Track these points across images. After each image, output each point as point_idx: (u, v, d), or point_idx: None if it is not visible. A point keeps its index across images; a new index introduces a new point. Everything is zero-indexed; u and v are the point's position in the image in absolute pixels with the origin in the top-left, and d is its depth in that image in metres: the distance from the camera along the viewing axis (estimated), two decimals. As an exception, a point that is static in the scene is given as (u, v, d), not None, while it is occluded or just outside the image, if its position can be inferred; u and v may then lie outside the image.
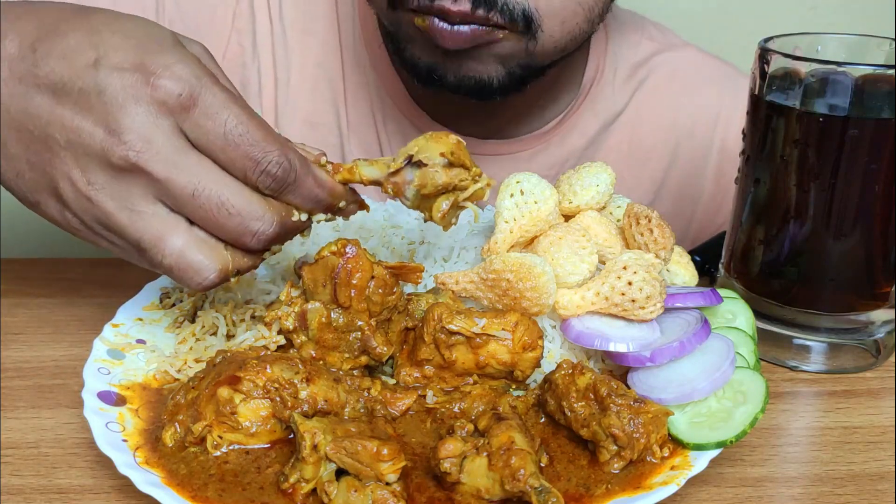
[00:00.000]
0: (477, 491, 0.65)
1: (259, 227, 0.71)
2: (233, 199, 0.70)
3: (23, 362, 0.90)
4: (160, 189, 0.69)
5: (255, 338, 0.81)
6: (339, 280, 0.77)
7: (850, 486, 0.74)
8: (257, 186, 0.71)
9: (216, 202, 0.69)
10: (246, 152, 0.69)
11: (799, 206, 0.87)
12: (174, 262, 0.70)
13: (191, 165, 0.69)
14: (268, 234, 0.71)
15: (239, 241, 0.71)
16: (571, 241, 0.80)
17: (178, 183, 0.68)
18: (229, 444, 0.70)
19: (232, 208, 0.70)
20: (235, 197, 0.70)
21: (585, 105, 1.25)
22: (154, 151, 0.67)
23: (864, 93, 0.81)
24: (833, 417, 0.84)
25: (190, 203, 0.69)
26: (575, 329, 0.78)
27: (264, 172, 0.70)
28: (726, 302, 0.85)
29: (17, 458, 0.75)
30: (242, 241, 0.71)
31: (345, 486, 0.64)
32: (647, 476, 0.69)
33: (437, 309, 0.76)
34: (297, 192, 0.73)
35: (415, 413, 0.76)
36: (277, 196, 0.72)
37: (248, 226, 0.70)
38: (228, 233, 0.71)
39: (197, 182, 0.68)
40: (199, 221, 0.70)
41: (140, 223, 0.69)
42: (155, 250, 0.70)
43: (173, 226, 0.70)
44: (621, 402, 0.70)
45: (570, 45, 1.05)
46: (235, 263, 0.73)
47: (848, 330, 0.90)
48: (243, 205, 0.70)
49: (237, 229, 0.70)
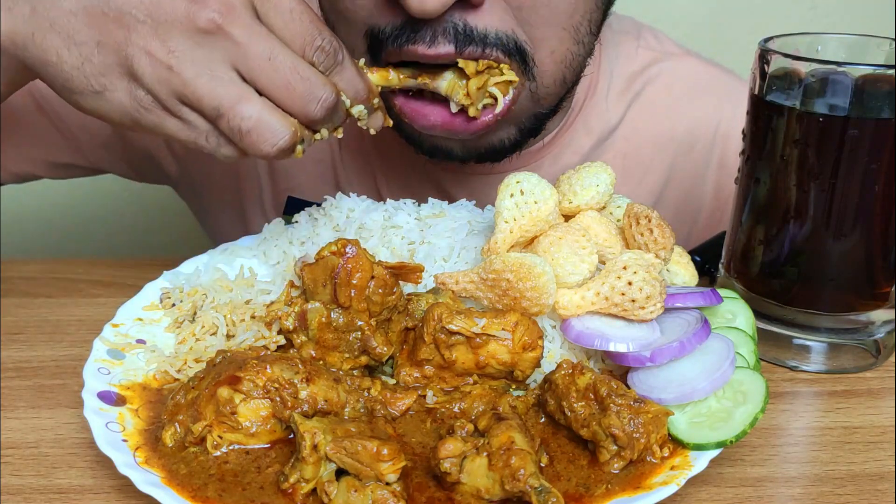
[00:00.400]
0: (477, 491, 0.65)
1: (323, 94, 0.77)
2: (301, 65, 0.76)
3: (23, 362, 0.90)
4: (239, 54, 0.74)
5: (255, 338, 0.81)
6: (339, 280, 0.77)
7: (850, 486, 0.74)
8: (313, 62, 0.77)
9: (290, 66, 0.75)
10: (305, 29, 0.76)
11: (799, 206, 0.87)
12: (253, 124, 0.74)
13: (265, 34, 0.75)
14: (330, 102, 0.77)
15: (305, 108, 0.76)
16: (571, 241, 0.80)
17: (257, 48, 0.74)
18: (229, 444, 0.70)
19: (303, 72, 0.76)
20: (303, 65, 0.76)
21: (578, 121, 1.21)
22: (236, 15, 0.74)
23: (864, 93, 0.81)
24: (833, 417, 0.84)
25: (266, 68, 0.74)
26: (575, 329, 0.78)
27: (320, 48, 0.77)
28: (726, 302, 0.85)
29: (17, 458, 0.75)
30: (308, 107, 0.76)
31: (345, 486, 0.64)
32: (647, 476, 0.69)
33: (437, 309, 0.76)
34: (342, 74, 0.79)
35: (415, 413, 0.76)
36: (328, 74, 0.78)
37: (314, 91, 0.76)
38: (298, 98, 0.76)
39: (272, 48, 0.74)
40: (271, 87, 0.75)
41: (220, 88, 0.74)
42: (234, 112, 0.74)
43: (250, 91, 0.75)
44: (621, 402, 0.70)
45: (569, 74, 1.01)
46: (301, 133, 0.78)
47: (848, 330, 0.90)
48: (310, 72, 0.76)
49: (305, 95, 0.76)
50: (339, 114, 0.81)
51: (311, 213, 0.98)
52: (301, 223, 0.97)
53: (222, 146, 0.78)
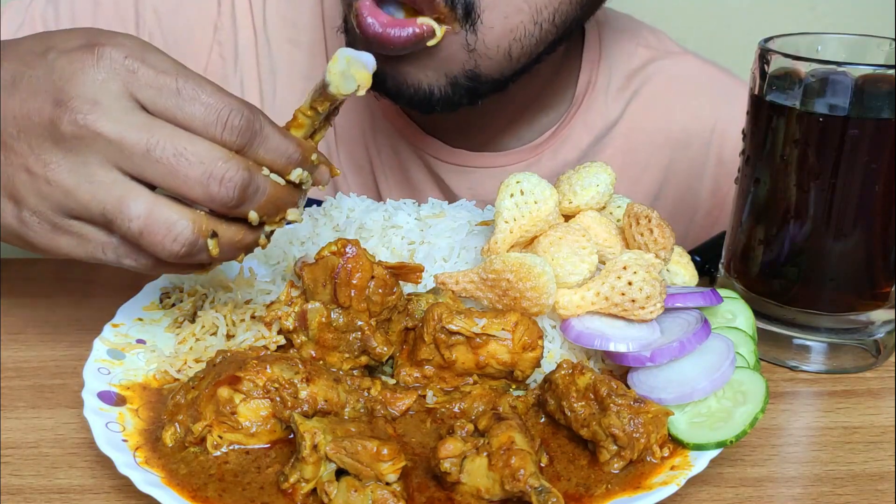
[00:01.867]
0: (477, 491, 0.65)
1: (225, 171, 0.66)
2: (190, 147, 0.66)
3: (23, 362, 0.90)
4: (114, 152, 0.65)
5: (255, 338, 0.81)
6: (339, 280, 0.77)
7: (850, 486, 0.74)
8: (224, 145, 0.67)
9: (172, 152, 0.65)
10: (205, 105, 0.66)
11: (799, 206, 0.87)
12: (143, 224, 0.66)
13: (143, 122, 0.66)
14: (238, 179, 0.67)
15: (208, 192, 0.66)
16: (571, 241, 0.80)
17: (131, 140, 0.65)
18: (229, 444, 0.70)
19: (192, 156, 0.66)
20: (194, 145, 0.66)
21: (578, 116, 1.22)
22: (101, 112, 0.65)
23: (864, 93, 0.81)
24: (833, 417, 0.84)
25: (146, 160, 0.65)
26: (575, 329, 0.78)
27: (227, 124, 0.67)
28: (726, 302, 0.85)
29: (17, 458, 0.75)
30: (210, 191, 0.66)
31: (345, 486, 0.64)
32: (647, 476, 0.69)
33: (437, 309, 0.76)
34: (265, 145, 0.69)
35: (415, 413, 0.76)
36: (245, 153, 0.68)
37: (213, 171, 0.66)
38: (194, 184, 0.66)
39: (150, 136, 0.65)
40: (159, 180, 0.66)
41: (101, 192, 0.66)
42: (121, 215, 0.66)
43: (135, 189, 0.66)
44: (621, 402, 0.70)
45: (515, 49, 0.99)
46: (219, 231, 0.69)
47: (848, 330, 0.90)
48: (203, 151, 0.66)
49: (202, 178, 0.66)
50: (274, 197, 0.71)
51: (311, 212, 0.98)
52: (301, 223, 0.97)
53: (123, 257, 0.70)
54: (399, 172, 1.24)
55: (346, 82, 0.70)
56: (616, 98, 1.23)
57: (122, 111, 0.66)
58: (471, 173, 1.21)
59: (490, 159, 1.21)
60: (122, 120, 0.65)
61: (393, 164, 1.23)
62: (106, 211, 0.67)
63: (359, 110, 1.22)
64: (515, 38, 0.98)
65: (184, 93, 0.67)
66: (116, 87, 0.66)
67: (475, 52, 0.97)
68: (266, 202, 0.70)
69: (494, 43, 0.97)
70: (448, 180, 1.22)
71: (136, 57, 0.67)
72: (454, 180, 1.21)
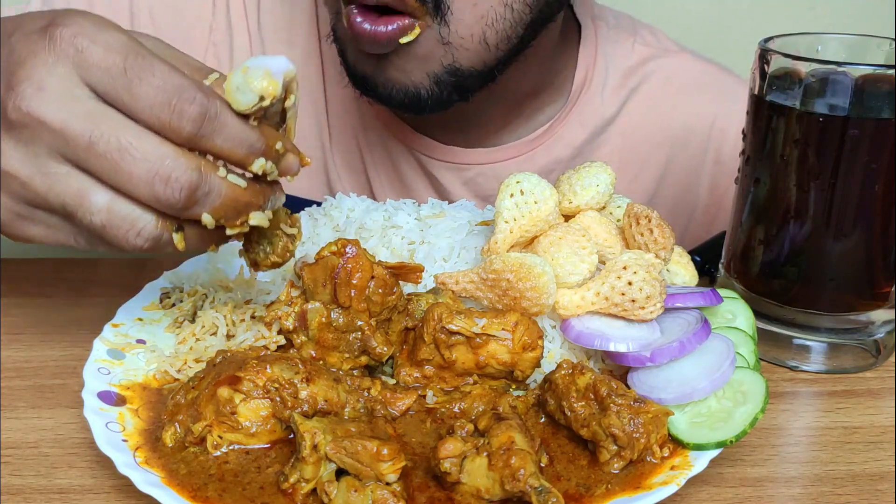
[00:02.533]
0: (477, 491, 0.65)
1: (172, 170, 0.62)
2: (136, 141, 0.61)
3: (23, 362, 0.90)
4: (59, 141, 0.62)
5: (255, 338, 0.81)
6: (339, 280, 0.77)
7: (850, 486, 0.74)
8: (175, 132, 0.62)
9: (116, 146, 0.61)
10: (154, 87, 0.61)
11: (799, 206, 0.87)
12: (105, 218, 0.63)
13: (88, 112, 0.62)
14: (186, 180, 0.62)
15: (153, 193, 0.62)
16: (571, 241, 0.80)
17: (74, 130, 0.61)
18: (229, 444, 0.70)
19: (136, 151, 0.61)
20: (139, 140, 0.62)
21: (573, 114, 1.22)
22: (46, 98, 0.61)
23: (864, 93, 0.81)
24: (833, 417, 0.84)
25: (90, 153, 0.62)
26: (575, 329, 0.78)
27: (177, 108, 0.61)
28: (726, 302, 0.85)
29: (17, 458, 0.75)
30: (156, 191, 0.62)
31: (345, 486, 0.64)
32: (647, 476, 0.69)
33: (437, 309, 0.76)
34: (222, 133, 0.64)
35: (415, 413, 0.76)
36: (199, 142, 0.63)
37: (159, 169, 0.61)
38: (138, 182, 0.62)
39: (94, 128, 0.61)
40: (104, 175, 0.62)
41: (58, 185, 0.63)
42: (81, 209, 0.63)
43: (94, 182, 0.63)
44: (621, 402, 0.70)
45: (490, 34, 0.99)
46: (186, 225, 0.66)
47: (848, 330, 0.90)
48: (150, 147, 0.62)
49: (146, 176, 0.61)
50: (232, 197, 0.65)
51: (311, 213, 0.98)
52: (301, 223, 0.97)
53: (97, 245, 0.68)
54: (392, 171, 1.24)
55: (242, 96, 0.64)
56: (613, 95, 1.24)
57: (68, 98, 0.62)
58: (463, 170, 1.22)
59: (482, 156, 1.21)
60: (66, 108, 0.62)
61: (386, 163, 1.23)
62: (66, 204, 0.64)
63: (350, 111, 1.22)
64: (487, 23, 0.98)
65: (131, 73, 0.62)
66: (65, 69, 0.62)
67: (451, 45, 0.98)
68: (222, 205, 0.65)
69: (468, 32, 0.97)
70: (440, 177, 1.22)
71: (86, 35, 0.62)
72: (446, 177, 1.22)
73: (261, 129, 0.66)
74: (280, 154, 0.68)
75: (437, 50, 0.98)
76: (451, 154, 1.21)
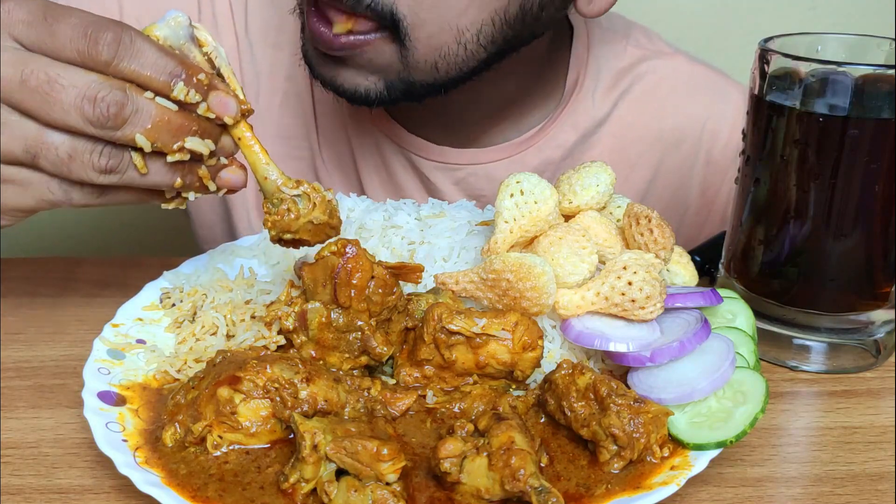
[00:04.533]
0: (477, 491, 0.65)
1: (98, 90, 0.67)
2: (63, 73, 0.67)
3: (23, 362, 0.90)
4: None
5: (255, 338, 0.81)
6: (339, 280, 0.77)
7: (850, 486, 0.74)
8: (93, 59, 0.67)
9: (45, 79, 0.66)
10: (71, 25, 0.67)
11: (799, 206, 0.87)
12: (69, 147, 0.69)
13: (18, 58, 0.67)
14: (110, 99, 0.67)
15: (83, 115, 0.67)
16: (571, 241, 0.80)
17: (7, 74, 0.67)
18: (229, 444, 0.70)
19: (64, 80, 0.67)
20: (67, 72, 0.67)
21: (565, 115, 1.22)
22: None
23: (864, 93, 0.81)
24: (833, 417, 0.84)
25: (22, 91, 0.67)
26: (575, 329, 0.78)
27: (92, 37, 0.67)
28: (726, 302, 0.85)
29: (17, 458, 0.75)
30: (85, 112, 0.67)
31: (345, 486, 0.64)
32: (647, 476, 0.69)
33: (437, 309, 0.76)
34: (139, 59, 0.68)
35: (415, 413, 0.76)
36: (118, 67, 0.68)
37: (86, 92, 0.66)
38: (69, 108, 0.67)
39: (24, 67, 0.67)
40: (36, 110, 0.67)
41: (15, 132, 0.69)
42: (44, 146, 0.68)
43: None
44: (621, 402, 0.70)
45: (441, 65, 1.02)
46: None
47: (848, 330, 0.90)
48: (77, 76, 0.67)
49: (76, 101, 0.66)
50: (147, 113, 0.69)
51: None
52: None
53: (70, 191, 0.72)
54: (383, 171, 1.24)
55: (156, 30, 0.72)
56: (604, 97, 1.24)
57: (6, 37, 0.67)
58: (454, 170, 1.22)
59: (473, 156, 1.22)
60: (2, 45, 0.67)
61: (377, 163, 1.24)
62: (27, 146, 0.68)
63: (342, 110, 1.23)
64: (441, 55, 1.01)
65: (50, 18, 0.67)
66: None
67: (408, 63, 1.01)
68: (154, 127, 0.69)
69: (422, 58, 1.00)
70: (432, 177, 1.23)
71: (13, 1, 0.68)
72: (438, 177, 1.22)
73: (179, 58, 0.70)
74: (205, 85, 0.71)
75: (395, 65, 1.01)
76: (442, 154, 1.21)
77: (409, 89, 1.04)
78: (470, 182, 1.22)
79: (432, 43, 0.99)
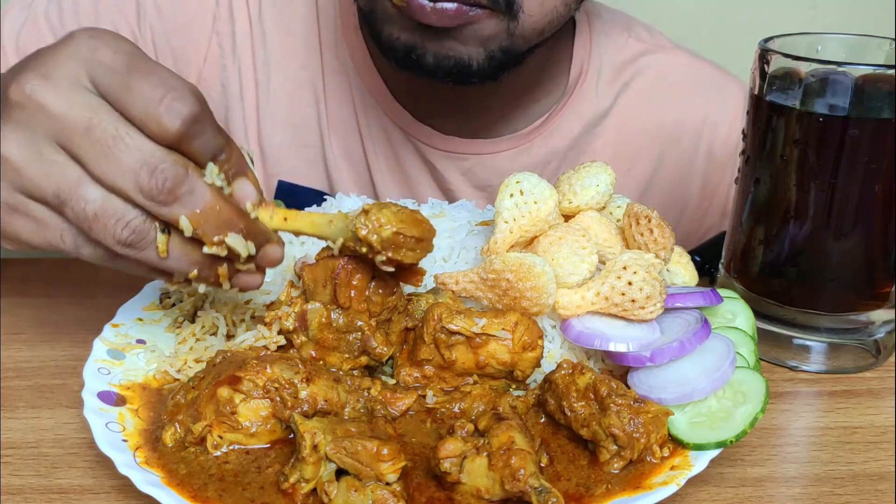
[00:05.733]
0: (477, 491, 0.65)
1: (160, 161, 0.65)
2: (132, 133, 0.65)
3: (23, 362, 0.90)
4: (58, 127, 0.65)
5: (255, 338, 0.81)
6: (340, 280, 0.77)
7: (850, 486, 0.74)
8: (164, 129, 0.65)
9: (112, 134, 0.64)
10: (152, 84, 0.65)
11: (799, 206, 0.87)
12: (98, 207, 0.65)
13: (89, 103, 0.65)
14: (170, 173, 0.65)
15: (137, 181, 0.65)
16: (571, 241, 0.80)
17: (73, 117, 0.65)
18: (229, 444, 0.70)
19: (130, 141, 0.65)
20: (134, 133, 0.65)
21: (569, 106, 1.24)
22: (49, 86, 0.65)
23: (864, 93, 0.81)
24: (833, 417, 0.84)
25: (85, 138, 0.65)
26: (575, 329, 0.78)
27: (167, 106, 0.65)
28: (726, 302, 0.85)
29: (17, 458, 0.75)
30: (140, 180, 0.65)
31: (345, 486, 0.64)
32: (647, 476, 0.69)
33: (437, 309, 0.76)
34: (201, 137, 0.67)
35: (415, 413, 0.76)
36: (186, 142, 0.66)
37: (148, 160, 0.64)
38: (125, 169, 0.65)
39: (93, 115, 0.65)
40: (92, 160, 0.65)
41: (56, 173, 0.66)
42: (75, 197, 0.66)
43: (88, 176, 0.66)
44: (621, 402, 0.70)
45: (548, 29, 1.05)
46: None
47: (848, 330, 0.90)
48: (143, 142, 0.65)
49: (134, 165, 0.64)
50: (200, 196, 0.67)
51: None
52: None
53: (82, 246, 0.69)
54: (392, 159, 1.25)
55: None
56: (607, 88, 1.25)
57: (70, 88, 0.65)
58: (463, 160, 1.23)
59: (482, 146, 1.23)
60: (67, 96, 0.65)
61: (386, 152, 1.25)
62: (60, 191, 0.66)
63: (352, 98, 1.23)
64: (550, 20, 1.04)
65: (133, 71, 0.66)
66: (73, 64, 0.66)
67: (514, 35, 1.02)
68: (203, 213, 0.67)
69: (532, 27, 1.02)
70: (440, 167, 1.23)
71: (101, 39, 0.67)
72: (446, 167, 1.23)
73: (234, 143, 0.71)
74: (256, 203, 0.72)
75: (501, 34, 1.02)
76: (450, 144, 1.22)
77: (505, 60, 1.05)
78: (476, 172, 1.24)
79: (544, 9, 1.02)
